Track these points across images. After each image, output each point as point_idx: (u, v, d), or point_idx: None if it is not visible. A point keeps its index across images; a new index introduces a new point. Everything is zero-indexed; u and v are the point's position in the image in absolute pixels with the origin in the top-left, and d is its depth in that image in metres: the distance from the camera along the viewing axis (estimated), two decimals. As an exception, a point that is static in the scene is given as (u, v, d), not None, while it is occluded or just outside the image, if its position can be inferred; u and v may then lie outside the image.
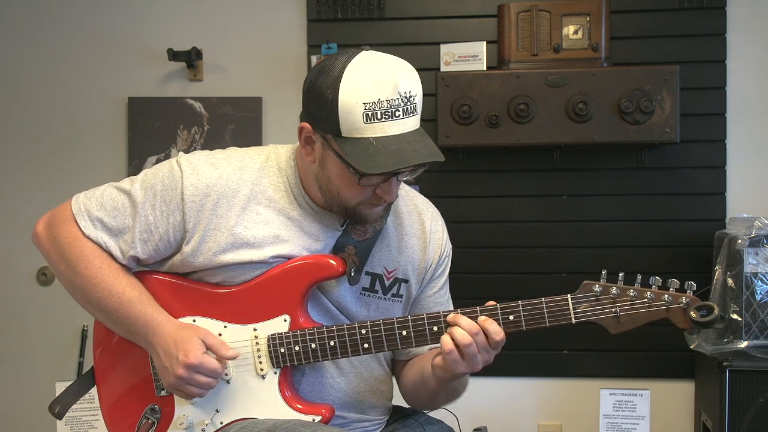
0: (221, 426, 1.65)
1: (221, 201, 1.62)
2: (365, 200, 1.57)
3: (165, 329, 1.62)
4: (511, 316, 1.53)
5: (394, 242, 1.70)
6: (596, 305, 1.51)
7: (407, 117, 1.49)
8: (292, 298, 1.63)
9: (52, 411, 1.75)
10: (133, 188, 1.66)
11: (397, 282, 1.71)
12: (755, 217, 2.69)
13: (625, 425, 2.64)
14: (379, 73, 1.47)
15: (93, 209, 1.67)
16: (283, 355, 1.62)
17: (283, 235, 1.63)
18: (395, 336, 1.58)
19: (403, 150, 1.47)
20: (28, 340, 3.26)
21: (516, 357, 3.09)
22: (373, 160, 1.45)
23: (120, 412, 1.74)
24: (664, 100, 2.82)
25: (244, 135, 3.14)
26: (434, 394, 1.71)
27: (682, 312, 1.49)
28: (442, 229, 1.79)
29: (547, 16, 2.90)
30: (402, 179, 1.57)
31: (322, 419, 1.61)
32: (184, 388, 1.59)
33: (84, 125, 3.22)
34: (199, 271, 1.67)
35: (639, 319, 1.50)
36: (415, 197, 1.78)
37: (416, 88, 1.50)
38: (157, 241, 1.65)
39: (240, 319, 1.65)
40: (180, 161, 1.66)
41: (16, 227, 3.24)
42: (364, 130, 1.47)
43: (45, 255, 1.71)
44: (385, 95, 1.46)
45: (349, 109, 1.46)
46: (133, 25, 3.20)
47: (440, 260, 1.77)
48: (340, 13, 3.10)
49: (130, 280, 1.67)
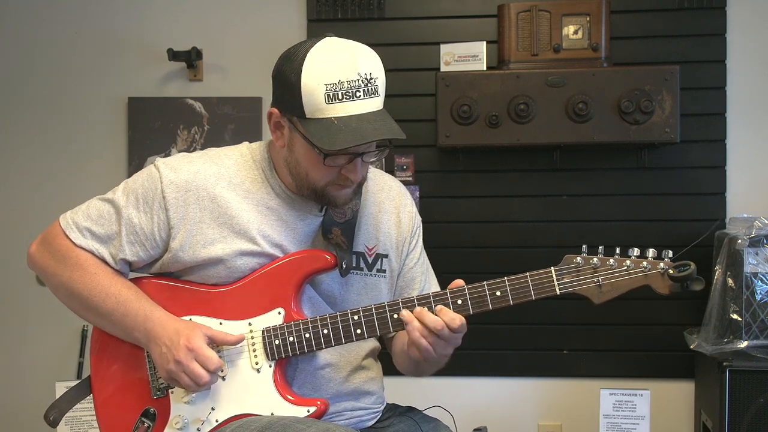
0: (217, 424, 1.66)
1: (202, 194, 1.68)
2: (332, 181, 1.63)
3: (165, 322, 1.66)
4: (498, 292, 1.59)
5: (370, 220, 1.78)
6: (578, 276, 1.56)
7: (368, 98, 1.55)
8: (286, 292, 1.67)
9: (47, 419, 1.78)
10: (116, 196, 1.73)
11: (379, 257, 1.78)
12: (755, 217, 2.69)
13: (625, 425, 2.64)
14: (339, 56, 1.55)
15: (80, 221, 1.73)
16: (278, 347, 1.65)
17: (265, 223, 1.69)
18: (387, 319, 1.63)
19: (362, 128, 1.53)
20: (28, 341, 3.26)
21: (516, 357, 3.09)
22: (333, 138, 1.52)
23: (115, 417, 1.74)
24: (664, 100, 2.82)
25: (244, 135, 3.13)
26: (417, 366, 1.78)
27: (660, 276, 1.54)
28: (411, 202, 1.86)
29: (547, 16, 2.90)
30: (368, 161, 1.64)
31: (316, 410, 1.64)
32: (180, 376, 1.61)
33: (84, 125, 3.23)
34: (193, 274, 1.71)
35: (620, 286, 1.56)
36: (383, 176, 1.86)
37: (377, 71, 1.57)
38: (144, 241, 1.70)
39: (235, 316, 1.69)
40: (157, 164, 1.72)
41: (16, 227, 3.24)
42: (326, 111, 1.53)
43: (41, 272, 1.78)
44: (346, 76, 1.53)
45: (311, 91, 1.53)
46: (133, 25, 3.20)
47: (413, 231, 1.84)
48: (340, 13, 3.10)
49: (125, 282, 1.72)
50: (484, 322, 3.08)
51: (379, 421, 1.83)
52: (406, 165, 3.08)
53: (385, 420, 1.84)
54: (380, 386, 1.86)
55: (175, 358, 1.60)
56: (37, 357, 3.25)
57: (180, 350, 1.60)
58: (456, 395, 3.06)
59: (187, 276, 1.72)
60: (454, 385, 3.08)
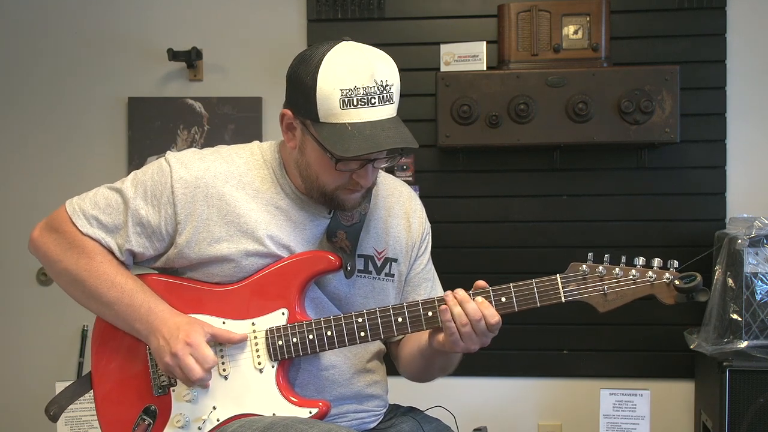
0: (218, 423, 1.66)
1: (211, 192, 1.67)
2: (342, 185, 1.62)
3: (168, 316, 1.66)
4: (503, 298, 1.60)
5: (380, 224, 1.77)
6: (584, 284, 1.58)
7: (383, 105, 1.55)
8: (290, 293, 1.67)
9: (48, 413, 1.78)
10: (124, 186, 1.71)
11: (388, 261, 1.77)
12: (755, 217, 2.69)
13: (625, 425, 2.64)
14: (356, 61, 1.54)
15: (88, 209, 1.71)
16: (281, 348, 1.65)
17: (273, 223, 1.68)
18: (391, 323, 1.63)
19: (376, 135, 1.53)
20: (28, 340, 3.26)
21: (516, 357, 3.09)
22: (347, 144, 1.52)
23: (115, 413, 1.74)
24: (664, 100, 2.82)
25: (244, 135, 3.13)
26: (430, 366, 1.78)
27: (666, 286, 1.57)
28: (420, 208, 1.87)
29: (547, 16, 2.90)
30: (379, 167, 1.63)
31: (318, 412, 1.63)
32: (174, 369, 1.62)
33: (84, 125, 3.23)
34: (197, 271, 1.70)
35: (625, 296, 1.58)
36: (393, 181, 1.86)
37: (392, 78, 1.57)
38: (150, 234, 1.69)
39: (238, 315, 1.69)
40: (168, 158, 1.71)
41: (16, 227, 3.24)
42: (340, 116, 1.53)
43: (42, 258, 1.75)
44: (362, 83, 1.52)
45: (326, 95, 1.52)
46: (133, 25, 3.20)
47: (422, 237, 1.84)
48: (340, 13, 3.10)
49: (130, 274, 1.72)
50: (484, 322, 3.09)
51: (381, 423, 1.83)
52: (406, 165, 3.08)
53: (387, 421, 1.84)
54: (384, 389, 1.85)
55: (172, 351, 1.60)
56: (37, 357, 3.25)
57: (178, 344, 1.60)
58: (456, 395, 3.05)
59: (192, 272, 1.72)
60: (454, 385, 3.08)
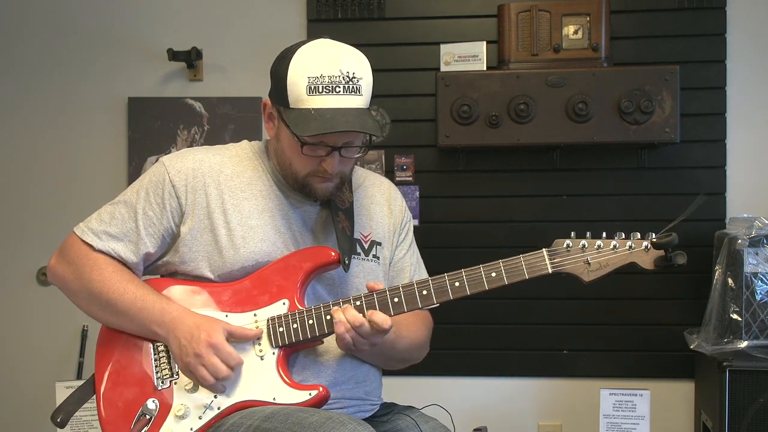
0: (219, 411, 1.68)
1: (207, 181, 1.77)
2: (312, 172, 1.72)
3: (183, 315, 1.71)
4: (494, 273, 1.69)
5: (363, 211, 1.88)
6: (568, 255, 1.68)
7: (348, 95, 1.65)
8: (290, 285, 1.73)
9: (55, 420, 1.80)
10: (126, 197, 1.81)
11: (374, 245, 1.87)
12: (755, 217, 2.69)
13: (625, 425, 2.64)
14: (325, 52, 1.66)
15: (95, 226, 1.79)
16: (282, 334, 1.70)
17: (265, 211, 1.77)
18: (387, 303, 1.67)
19: (335, 119, 1.62)
20: (28, 340, 3.26)
21: (516, 357, 3.09)
22: (307, 125, 1.62)
23: (117, 408, 1.74)
24: (664, 100, 2.82)
25: (244, 135, 3.09)
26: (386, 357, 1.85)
27: (645, 252, 1.64)
28: (401, 198, 1.98)
29: (547, 16, 2.90)
30: (348, 156, 1.72)
31: (317, 395, 1.66)
32: (197, 369, 1.65)
33: (84, 125, 3.22)
34: (191, 263, 1.76)
35: (608, 264, 1.66)
36: (376, 176, 1.99)
37: (361, 72, 1.66)
38: (163, 232, 1.78)
39: (240, 308, 1.74)
40: (162, 159, 1.82)
41: (16, 228, 3.24)
42: (306, 101, 1.64)
43: (62, 282, 1.82)
44: (327, 72, 1.64)
45: (295, 81, 1.65)
46: (133, 25, 3.20)
47: (403, 224, 1.95)
48: (340, 13, 3.10)
49: (140, 280, 1.79)
50: (485, 321, 3.10)
51: (378, 417, 1.85)
52: (406, 165, 3.08)
53: (384, 416, 1.86)
54: (377, 376, 1.89)
55: (195, 351, 1.64)
56: (37, 357, 3.25)
57: (201, 344, 1.64)
58: (456, 395, 3.06)
59: (186, 266, 1.77)
60: (454, 385, 3.08)
